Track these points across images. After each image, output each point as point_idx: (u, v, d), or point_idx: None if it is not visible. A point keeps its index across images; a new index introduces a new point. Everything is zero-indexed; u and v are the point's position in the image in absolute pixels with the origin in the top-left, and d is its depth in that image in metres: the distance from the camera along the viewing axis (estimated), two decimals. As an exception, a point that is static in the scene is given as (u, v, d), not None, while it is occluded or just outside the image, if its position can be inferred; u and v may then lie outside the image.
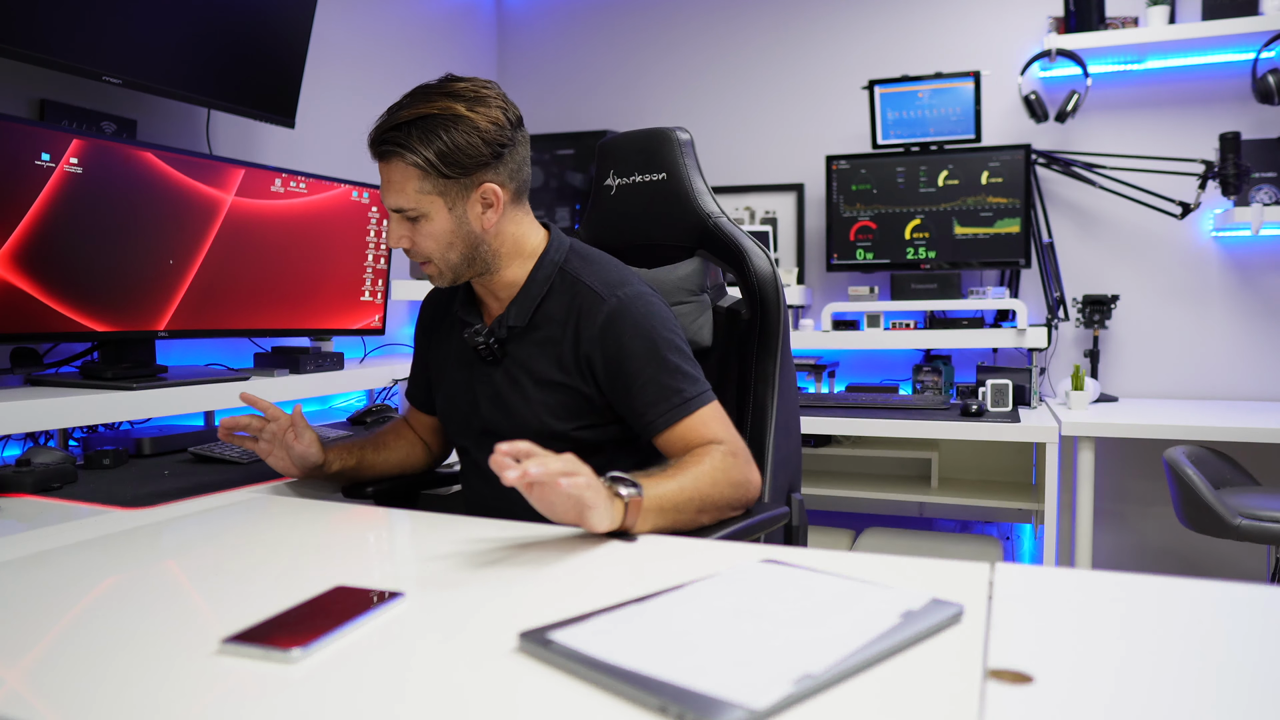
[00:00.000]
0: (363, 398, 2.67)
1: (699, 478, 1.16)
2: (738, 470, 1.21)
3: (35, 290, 1.56)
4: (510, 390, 1.33)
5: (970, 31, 3.02)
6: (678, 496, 1.12)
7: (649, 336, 1.25)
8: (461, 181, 1.24)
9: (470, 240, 1.28)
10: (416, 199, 1.24)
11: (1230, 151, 2.56)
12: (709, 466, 1.18)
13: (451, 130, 1.22)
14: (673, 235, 1.57)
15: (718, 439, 1.23)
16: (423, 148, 1.21)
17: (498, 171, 1.26)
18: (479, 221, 1.27)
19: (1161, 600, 0.83)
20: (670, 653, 0.66)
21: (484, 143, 1.23)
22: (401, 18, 3.02)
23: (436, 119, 1.22)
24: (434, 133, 1.22)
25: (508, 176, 1.28)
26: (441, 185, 1.24)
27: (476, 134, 1.22)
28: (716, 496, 1.17)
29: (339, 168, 2.63)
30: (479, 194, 1.26)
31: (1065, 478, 2.79)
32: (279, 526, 1.17)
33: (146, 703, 0.63)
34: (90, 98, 1.95)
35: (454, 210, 1.26)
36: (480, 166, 1.24)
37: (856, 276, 3.12)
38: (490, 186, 1.26)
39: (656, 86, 3.39)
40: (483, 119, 1.23)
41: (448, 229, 1.26)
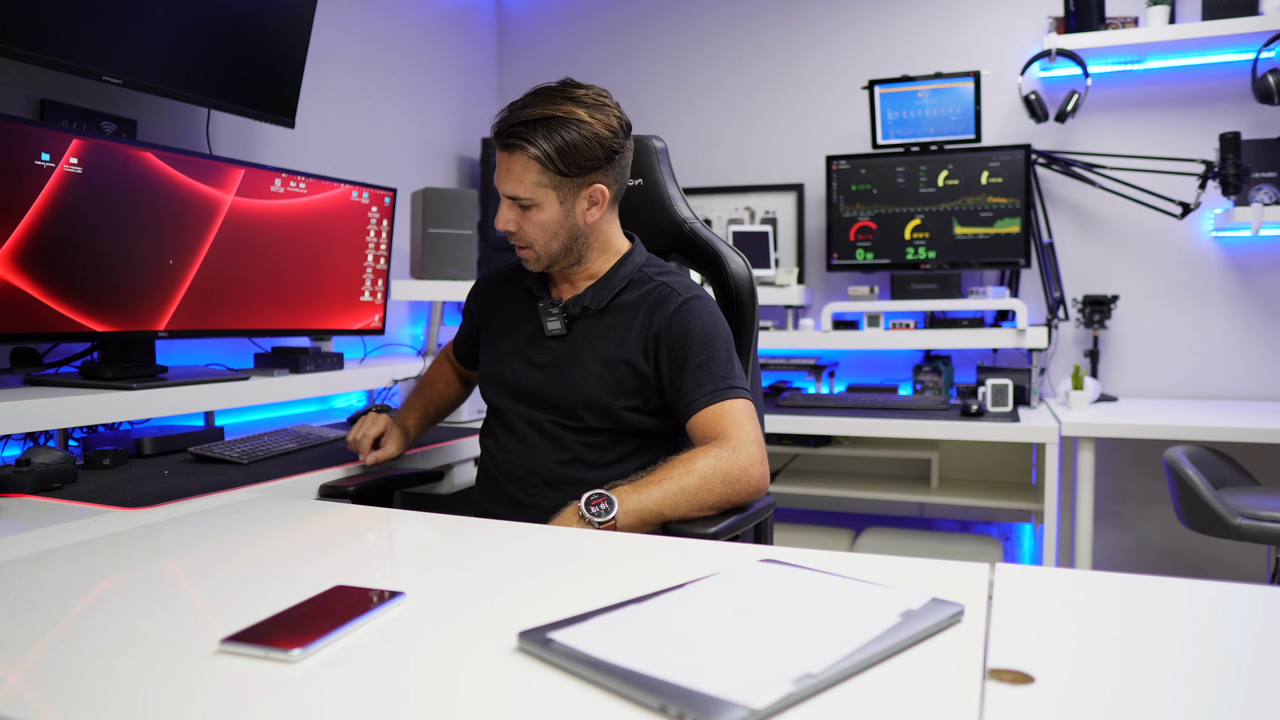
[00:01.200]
0: (363, 398, 2.67)
1: (685, 479, 1.26)
2: (734, 465, 1.29)
3: (35, 290, 1.56)
4: (571, 362, 1.44)
5: (970, 31, 3.02)
6: (659, 504, 1.24)
7: (712, 329, 1.39)
8: (575, 179, 1.37)
9: (573, 233, 1.42)
10: (533, 190, 1.37)
11: (1230, 151, 2.56)
12: (700, 465, 1.28)
13: (573, 132, 1.34)
14: (649, 240, 1.62)
15: (729, 432, 1.32)
16: (546, 145, 1.34)
17: (606, 174, 1.40)
18: (583, 217, 1.41)
19: (1161, 600, 0.83)
20: (670, 653, 0.66)
21: (600, 146, 1.36)
22: (401, 18, 3.02)
23: (561, 120, 1.35)
24: (557, 133, 1.34)
25: (614, 179, 1.42)
26: (557, 180, 1.37)
27: (595, 138, 1.35)
28: (707, 494, 1.27)
29: (339, 168, 2.64)
30: (588, 192, 1.39)
31: (1065, 478, 2.79)
32: (279, 526, 1.17)
33: (146, 702, 0.63)
34: (90, 98, 1.95)
35: (564, 204, 1.39)
36: (593, 168, 1.38)
37: (856, 276, 3.12)
38: (599, 186, 1.40)
39: (656, 86, 3.39)
40: (601, 125, 1.36)
41: (555, 220, 1.39)
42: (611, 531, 1.18)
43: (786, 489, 2.76)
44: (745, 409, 1.36)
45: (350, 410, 2.56)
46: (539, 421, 1.45)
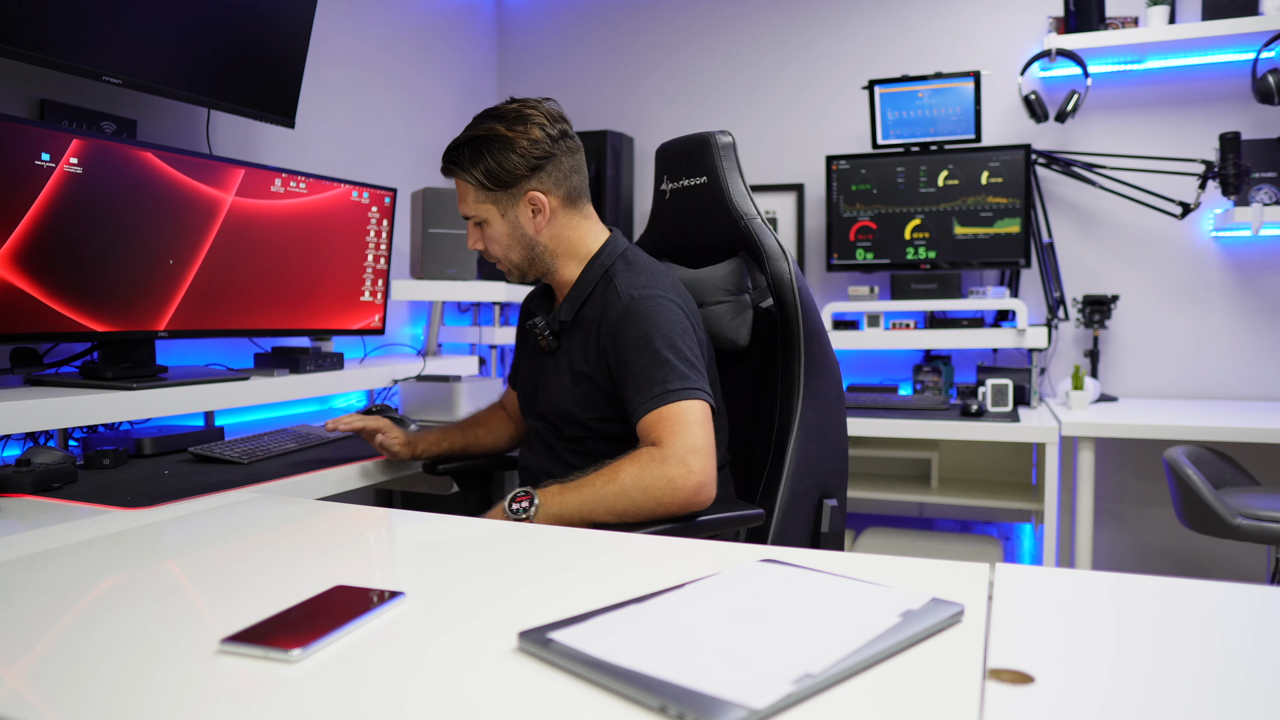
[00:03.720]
0: (363, 398, 2.67)
1: (605, 487, 1.26)
2: (658, 477, 1.25)
3: (35, 290, 1.56)
4: (554, 378, 1.49)
5: (970, 31, 3.02)
6: (579, 509, 1.26)
7: (649, 331, 1.35)
8: (509, 192, 1.44)
9: (525, 242, 1.47)
10: (475, 208, 1.46)
11: (1230, 151, 2.56)
12: (622, 475, 1.26)
13: (494, 148, 1.41)
14: (714, 237, 1.61)
15: (663, 440, 1.28)
16: (472, 166, 1.43)
17: (541, 181, 1.44)
18: (531, 225, 1.46)
19: (1161, 601, 0.83)
20: (670, 653, 0.66)
21: (520, 158, 1.41)
22: (401, 18, 3.02)
23: (482, 140, 1.42)
24: (479, 153, 1.42)
25: (553, 185, 1.45)
26: (493, 196, 1.44)
27: (513, 151, 1.40)
28: (625, 504, 1.26)
29: (339, 168, 2.64)
30: (526, 201, 1.44)
31: (1065, 478, 2.79)
32: (279, 526, 1.17)
33: (146, 702, 0.63)
34: (90, 98, 1.95)
35: (507, 216, 1.45)
36: (522, 178, 1.43)
37: (856, 276, 3.12)
38: (535, 194, 1.44)
39: (656, 87, 3.39)
40: (521, 137, 1.41)
41: (504, 232, 1.46)
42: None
43: (786, 489, 2.75)
44: (685, 412, 1.29)
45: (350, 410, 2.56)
46: (539, 431, 1.53)
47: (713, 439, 1.31)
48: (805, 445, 1.45)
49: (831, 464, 1.51)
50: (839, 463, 1.54)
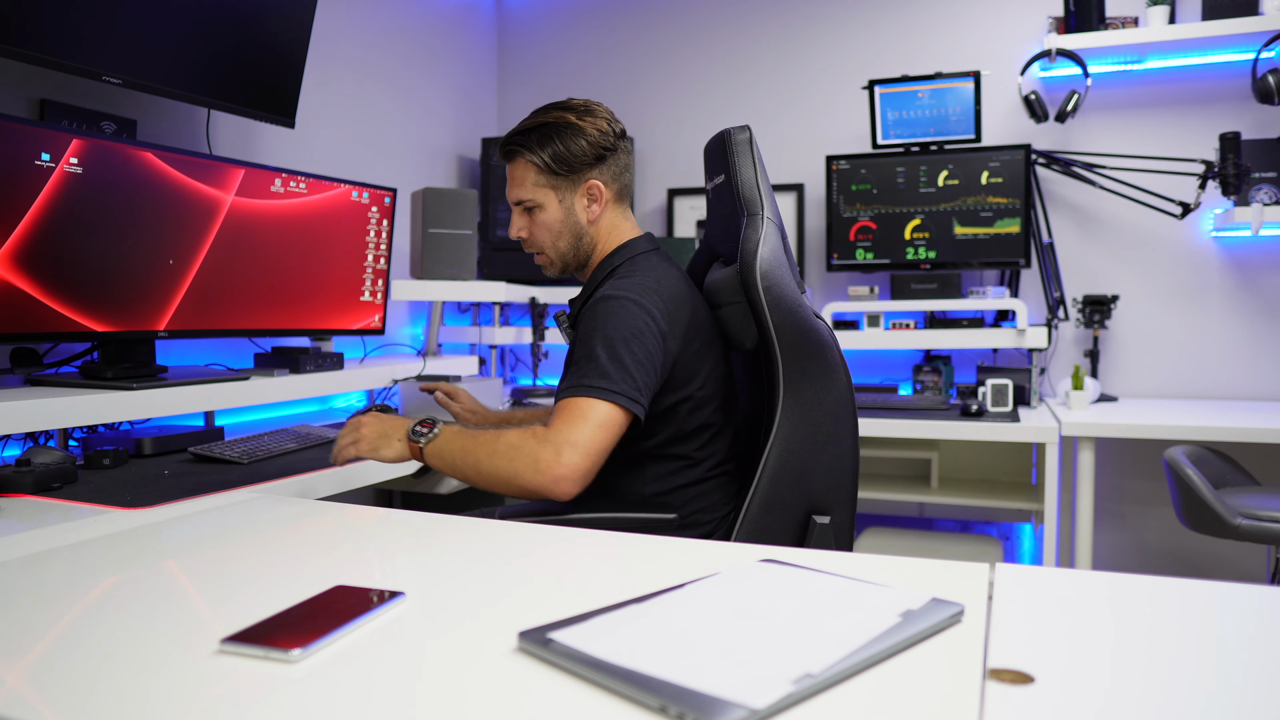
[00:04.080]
0: (363, 398, 2.67)
1: (490, 443, 1.29)
2: (529, 451, 1.26)
3: (35, 290, 1.56)
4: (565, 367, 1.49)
5: (970, 31, 3.02)
6: (459, 453, 1.31)
7: (595, 328, 1.36)
8: (571, 178, 1.48)
9: (576, 230, 1.51)
10: (533, 191, 1.49)
11: (1230, 151, 2.56)
12: (506, 437, 1.29)
13: (564, 134, 1.45)
14: (733, 237, 1.57)
15: (555, 425, 1.29)
16: (540, 149, 1.46)
17: (602, 171, 1.49)
18: (585, 214, 1.50)
19: (1161, 601, 0.83)
20: (670, 653, 0.66)
21: (589, 145, 1.46)
22: (401, 18, 3.02)
23: (552, 126, 1.46)
24: (549, 137, 1.46)
25: (610, 177, 1.51)
26: (554, 180, 1.48)
27: (584, 138, 1.46)
28: (491, 467, 1.28)
29: (339, 168, 2.64)
30: (585, 189, 1.49)
31: (1065, 478, 2.79)
32: (279, 526, 1.17)
33: (146, 703, 0.63)
34: (90, 98, 1.95)
35: (564, 202, 1.49)
36: (587, 166, 1.47)
37: (856, 276, 3.12)
38: (595, 183, 1.49)
39: (656, 87, 3.39)
40: (590, 126, 1.46)
41: (558, 218, 1.49)
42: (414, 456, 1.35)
43: (786, 489, 2.76)
44: (586, 408, 1.28)
45: (350, 410, 2.56)
46: None
47: (603, 442, 1.28)
48: (786, 454, 1.37)
49: (826, 478, 1.41)
50: (839, 477, 1.43)
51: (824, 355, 1.42)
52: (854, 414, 1.45)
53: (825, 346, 1.42)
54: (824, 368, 1.41)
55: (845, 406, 1.43)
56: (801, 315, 1.40)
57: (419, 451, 1.33)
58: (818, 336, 1.41)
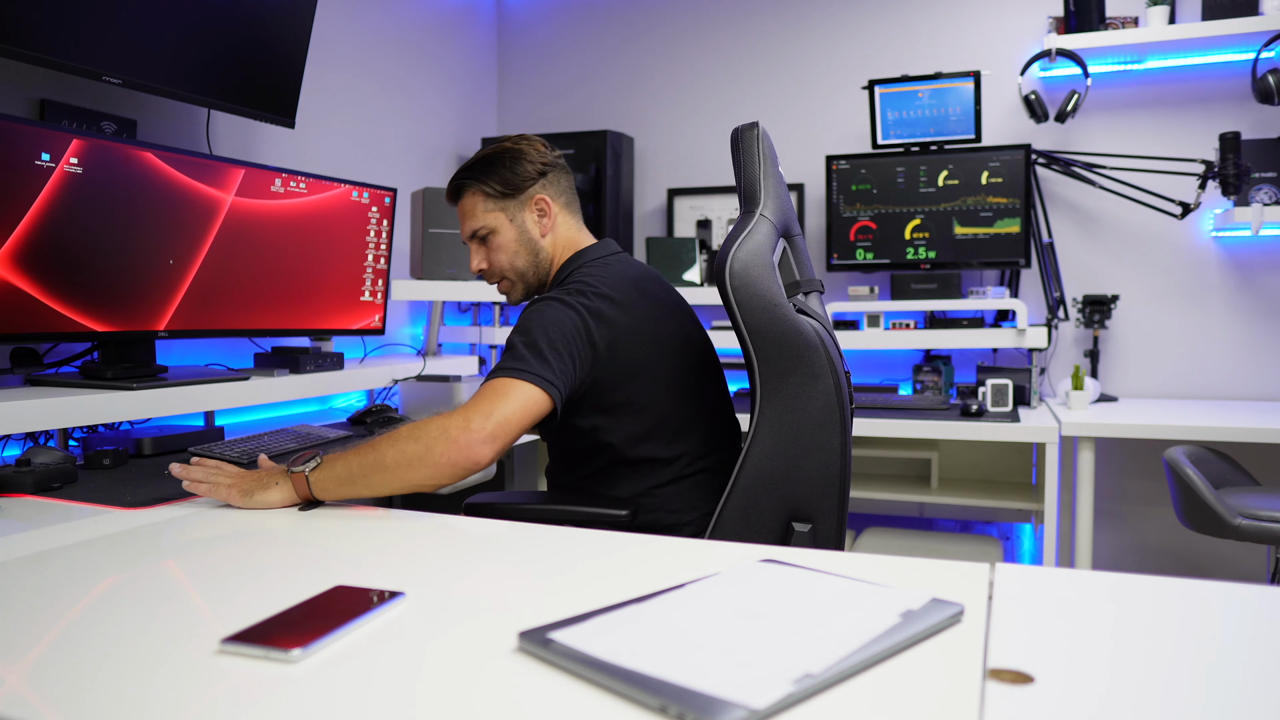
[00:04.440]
0: (363, 398, 2.67)
1: (380, 443, 1.25)
2: (435, 424, 1.24)
3: (35, 290, 1.56)
4: None
5: (970, 31, 3.02)
6: (350, 463, 1.24)
7: (517, 326, 1.40)
8: (518, 198, 1.55)
9: (531, 246, 1.56)
10: (484, 218, 1.55)
11: (1230, 151, 2.56)
12: (406, 427, 1.27)
13: (504, 159, 1.54)
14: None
15: (466, 403, 1.29)
16: (485, 177, 1.54)
17: (545, 187, 1.56)
18: (537, 228, 1.56)
19: (1161, 601, 0.83)
20: (670, 653, 0.66)
21: (530, 165, 1.54)
22: (401, 18, 3.02)
23: (492, 156, 1.56)
24: (490, 166, 1.54)
25: (556, 192, 1.58)
26: (502, 203, 1.55)
27: (524, 159, 1.54)
28: (395, 455, 1.23)
29: (339, 168, 2.64)
30: (533, 204, 1.55)
31: (1065, 478, 2.79)
32: (279, 526, 1.17)
33: (147, 702, 0.63)
34: (90, 98, 1.95)
35: (515, 221, 1.55)
36: (530, 183, 1.55)
37: (856, 276, 3.12)
38: (541, 197, 1.55)
39: (657, 87, 3.39)
40: (528, 148, 1.56)
41: (512, 238, 1.55)
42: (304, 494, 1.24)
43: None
44: (495, 385, 1.29)
45: (350, 410, 2.56)
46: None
47: (513, 413, 1.27)
48: (763, 459, 1.34)
49: (808, 485, 1.36)
50: (823, 485, 1.36)
51: (806, 358, 1.34)
52: (843, 419, 1.37)
53: (808, 349, 1.35)
54: (807, 371, 1.34)
55: (831, 412, 1.35)
56: (780, 316, 1.33)
57: (304, 481, 1.23)
58: (799, 339, 1.34)
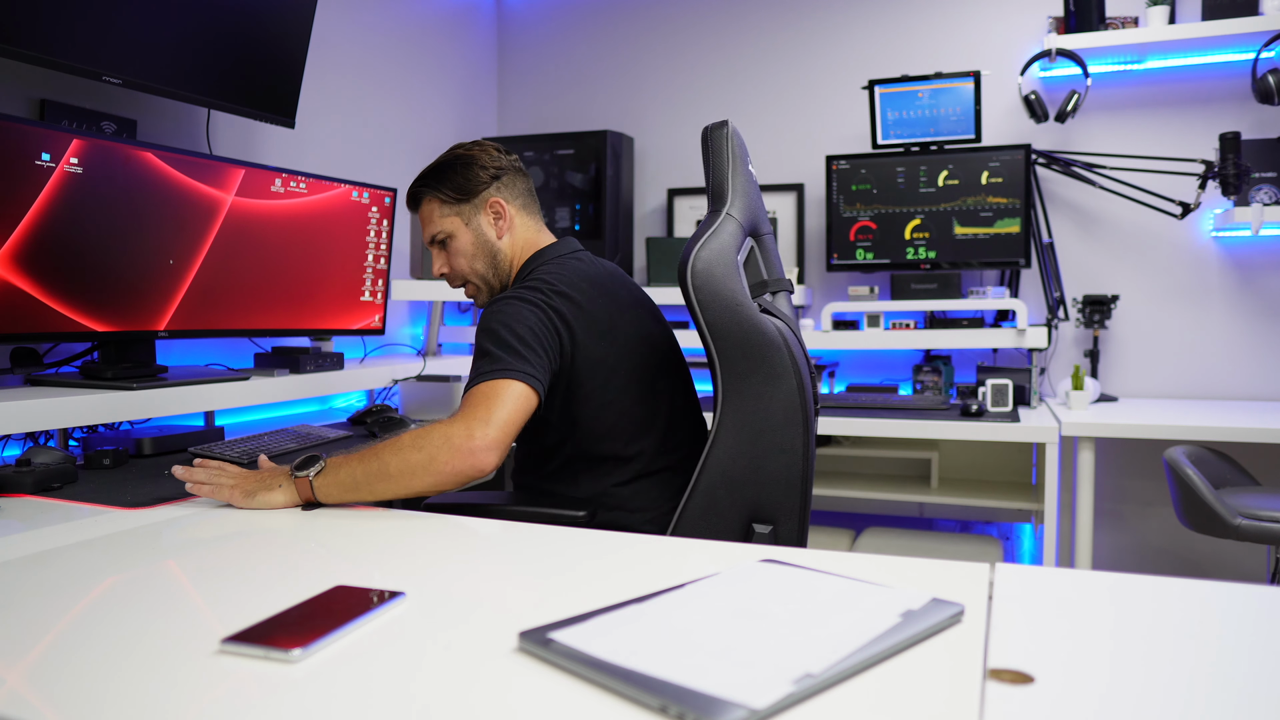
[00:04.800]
0: (363, 398, 2.67)
1: (383, 451, 1.24)
2: (438, 433, 1.24)
3: (35, 290, 1.56)
4: None
5: (970, 31, 3.02)
6: (355, 469, 1.23)
7: (480, 331, 1.39)
8: (473, 202, 1.57)
9: (489, 249, 1.59)
10: (441, 223, 1.59)
11: (1230, 151, 2.56)
12: (407, 435, 1.26)
13: (457, 166, 1.57)
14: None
15: (460, 409, 1.29)
16: (439, 184, 1.58)
17: (500, 190, 1.59)
18: (493, 230, 1.58)
19: (1161, 601, 0.83)
20: (670, 653, 0.67)
21: (482, 169, 1.57)
22: (401, 18, 3.02)
23: (445, 163, 1.59)
24: (443, 173, 1.58)
25: (511, 195, 1.60)
26: (457, 208, 1.58)
27: (475, 164, 1.57)
28: (400, 463, 1.23)
29: (339, 168, 2.64)
30: (489, 207, 1.58)
31: (1065, 478, 2.79)
32: (279, 527, 1.17)
33: (146, 702, 0.63)
34: (90, 98, 1.95)
35: (471, 224, 1.58)
36: (484, 186, 1.57)
37: (856, 276, 3.12)
38: (496, 200, 1.58)
39: (657, 87, 3.39)
40: (480, 154, 1.59)
41: (469, 241, 1.58)
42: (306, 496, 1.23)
43: (786, 489, 2.75)
44: (485, 390, 1.29)
45: (350, 410, 2.56)
46: None
47: (510, 413, 1.28)
48: (724, 458, 1.32)
49: (770, 487, 1.33)
50: (785, 487, 1.34)
51: (769, 359, 1.32)
52: (806, 421, 1.35)
53: (770, 349, 1.32)
54: (769, 372, 1.32)
55: (793, 413, 1.33)
56: (742, 316, 1.31)
57: (308, 486, 1.23)
58: (762, 339, 1.32)
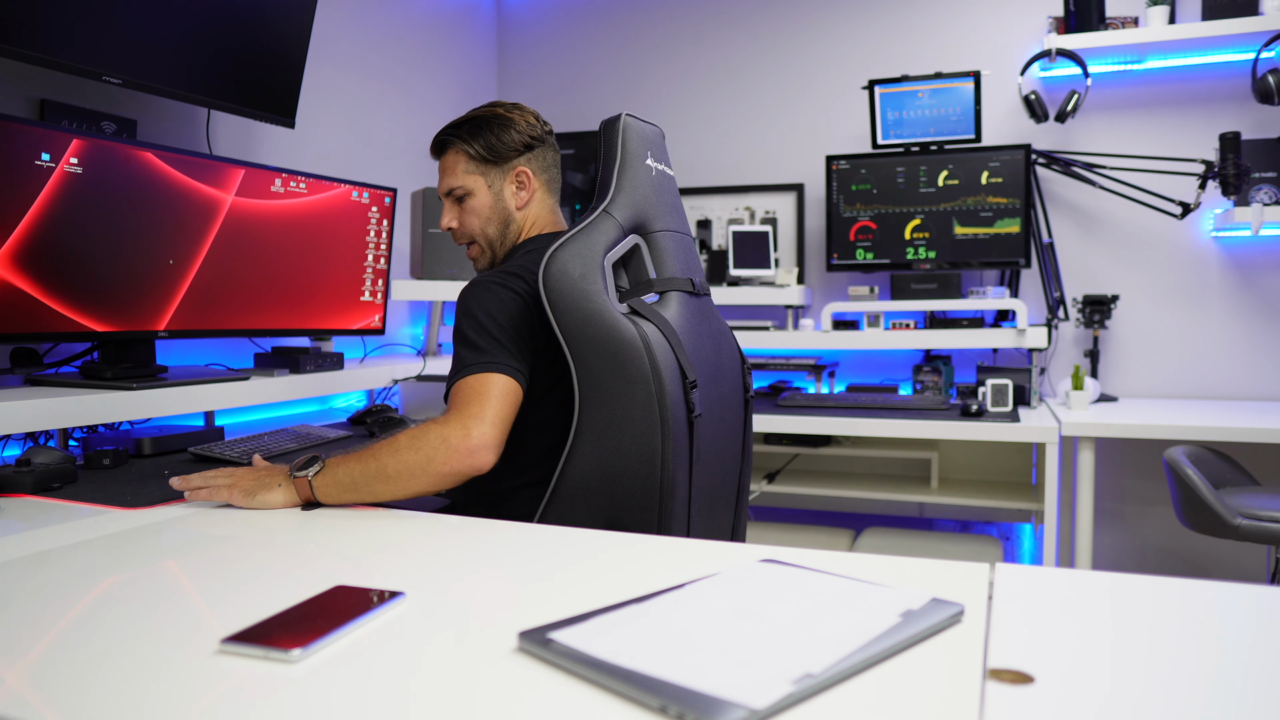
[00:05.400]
0: (363, 398, 2.67)
1: (380, 450, 1.24)
2: (433, 433, 1.23)
3: (35, 290, 1.56)
4: None
5: (970, 31, 3.02)
6: (353, 469, 1.23)
7: (458, 316, 1.36)
8: (500, 165, 1.53)
9: (504, 216, 1.54)
10: (463, 178, 1.53)
11: (1230, 151, 2.56)
12: (403, 436, 1.25)
13: (493, 124, 1.52)
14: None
15: (448, 411, 1.27)
16: (471, 139, 1.52)
17: (530, 161, 1.54)
18: (514, 199, 1.54)
19: (1161, 601, 0.83)
20: (670, 653, 0.66)
21: (518, 135, 1.52)
22: (401, 18, 3.02)
23: (482, 118, 1.53)
24: (479, 128, 1.52)
25: (539, 167, 1.55)
26: (483, 167, 1.53)
27: (513, 128, 1.52)
28: (396, 465, 1.22)
29: (339, 168, 2.64)
30: (514, 175, 1.53)
31: (1065, 478, 2.79)
32: (279, 526, 1.17)
33: (146, 703, 0.63)
34: (90, 98, 1.95)
35: (493, 188, 1.53)
36: (515, 154, 1.53)
37: (856, 276, 3.12)
38: (524, 170, 1.53)
39: (656, 87, 3.39)
40: (519, 119, 1.53)
41: (487, 204, 1.53)
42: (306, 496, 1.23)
43: (787, 489, 2.76)
44: (472, 384, 1.27)
45: (350, 410, 2.56)
46: None
47: (501, 408, 1.26)
48: (580, 467, 1.25)
49: (624, 501, 1.25)
50: (643, 499, 1.24)
51: (622, 365, 1.24)
52: (664, 429, 1.25)
53: (625, 353, 1.24)
54: (625, 377, 1.24)
55: (650, 422, 1.24)
56: (596, 318, 1.25)
57: (307, 486, 1.23)
58: (617, 345, 1.24)
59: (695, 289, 1.44)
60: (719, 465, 1.45)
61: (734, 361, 1.53)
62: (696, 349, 1.38)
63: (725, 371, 1.48)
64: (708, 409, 1.38)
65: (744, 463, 1.56)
